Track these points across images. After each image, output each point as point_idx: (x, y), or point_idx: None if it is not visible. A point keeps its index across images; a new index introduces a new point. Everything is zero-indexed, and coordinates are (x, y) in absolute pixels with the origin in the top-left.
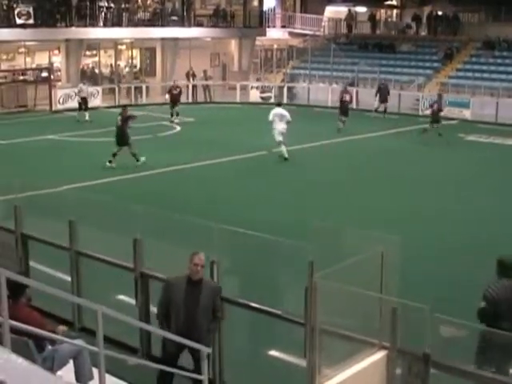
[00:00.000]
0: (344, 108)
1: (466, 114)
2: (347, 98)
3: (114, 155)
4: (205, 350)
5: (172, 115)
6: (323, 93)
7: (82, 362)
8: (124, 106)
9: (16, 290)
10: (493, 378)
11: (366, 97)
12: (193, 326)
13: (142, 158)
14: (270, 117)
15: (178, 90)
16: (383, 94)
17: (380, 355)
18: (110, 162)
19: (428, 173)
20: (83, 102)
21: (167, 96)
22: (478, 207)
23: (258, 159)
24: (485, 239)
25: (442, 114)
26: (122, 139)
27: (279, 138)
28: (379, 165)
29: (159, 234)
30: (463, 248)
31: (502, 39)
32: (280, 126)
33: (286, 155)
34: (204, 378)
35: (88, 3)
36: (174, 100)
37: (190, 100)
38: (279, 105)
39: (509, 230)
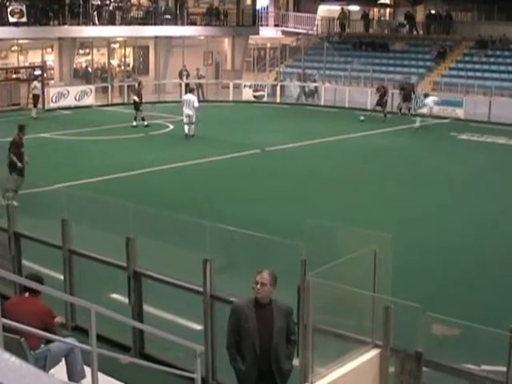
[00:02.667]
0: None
1: (459, 112)
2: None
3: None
4: (197, 348)
5: (138, 119)
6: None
7: (74, 360)
8: (20, 127)
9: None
10: (484, 377)
11: (359, 96)
12: (270, 352)
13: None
14: (182, 101)
15: (383, 90)
16: (406, 93)
17: (373, 353)
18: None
19: (420, 171)
20: (35, 98)
21: (136, 98)
22: (470, 205)
23: (252, 157)
24: (478, 238)
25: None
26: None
27: (185, 119)
28: (373, 164)
29: (152, 233)
30: (456, 246)
31: (494, 38)
32: (186, 110)
33: (186, 132)
34: (197, 376)
35: (81, 1)
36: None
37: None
38: (191, 91)
39: (502, 227)
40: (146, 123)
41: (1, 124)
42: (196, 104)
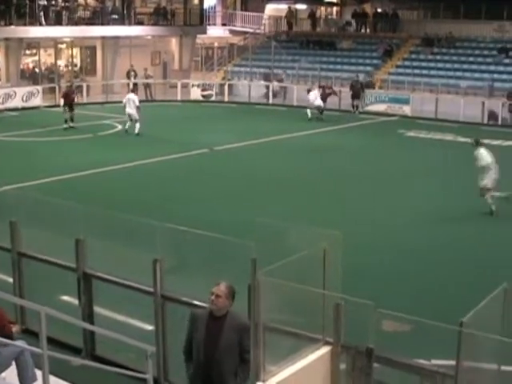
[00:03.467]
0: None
1: (406, 110)
2: None
3: None
4: (149, 348)
5: (69, 120)
6: (264, 90)
7: (25, 363)
8: None
9: None
10: (435, 371)
11: (306, 94)
12: (213, 366)
13: None
14: (124, 100)
15: (331, 89)
16: (355, 91)
17: (324, 351)
18: None
19: (368, 169)
20: None
21: (62, 100)
22: (419, 202)
23: (200, 157)
24: (428, 235)
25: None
26: None
27: (126, 117)
28: (320, 162)
29: (102, 234)
30: (406, 244)
31: (440, 36)
32: (127, 109)
33: (126, 128)
34: (149, 377)
35: (28, 1)
36: (71, 102)
37: None
38: (132, 91)
39: (451, 224)
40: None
41: None
42: (137, 103)
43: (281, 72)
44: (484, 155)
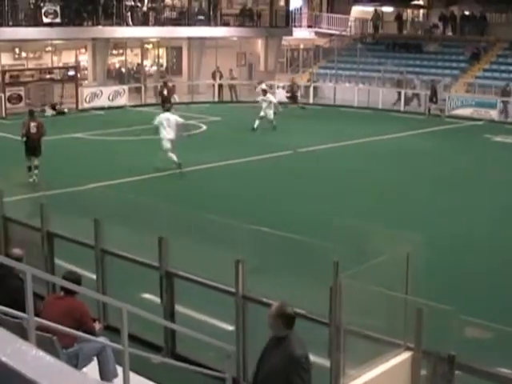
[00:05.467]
0: None
1: (493, 114)
2: None
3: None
4: (229, 348)
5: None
6: (349, 93)
7: (106, 359)
8: (31, 112)
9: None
10: None
11: (392, 97)
12: None
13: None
14: (155, 122)
15: (297, 88)
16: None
17: (405, 356)
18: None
19: (455, 174)
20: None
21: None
22: (506, 207)
23: (284, 159)
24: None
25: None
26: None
27: (167, 145)
28: (407, 165)
29: (185, 233)
30: (490, 249)
31: None
32: (166, 134)
33: (176, 160)
34: (228, 376)
35: (115, 2)
36: (165, 100)
37: (216, 99)
38: (167, 110)
39: None
40: None
41: None
42: (180, 120)
43: (413, 77)
44: None
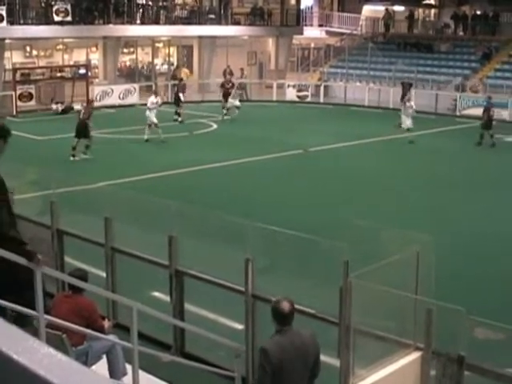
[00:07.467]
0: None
1: (504, 114)
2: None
3: (74, 148)
4: (238, 347)
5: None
6: (360, 92)
7: (115, 357)
8: (89, 101)
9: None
10: None
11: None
12: None
13: (87, 155)
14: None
15: (230, 84)
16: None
17: (414, 356)
18: (73, 156)
19: (463, 174)
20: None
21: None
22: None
23: (294, 158)
24: None
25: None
26: (82, 132)
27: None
28: (414, 165)
29: (195, 232)
30: (502, 249)
31: None
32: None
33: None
34: (237, 375)
35: (126, 1)
36: (226, 94)
37: None
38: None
39: None
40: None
41: (45, 122)
42: (148, 104)
43: (476, 82)
44: None
